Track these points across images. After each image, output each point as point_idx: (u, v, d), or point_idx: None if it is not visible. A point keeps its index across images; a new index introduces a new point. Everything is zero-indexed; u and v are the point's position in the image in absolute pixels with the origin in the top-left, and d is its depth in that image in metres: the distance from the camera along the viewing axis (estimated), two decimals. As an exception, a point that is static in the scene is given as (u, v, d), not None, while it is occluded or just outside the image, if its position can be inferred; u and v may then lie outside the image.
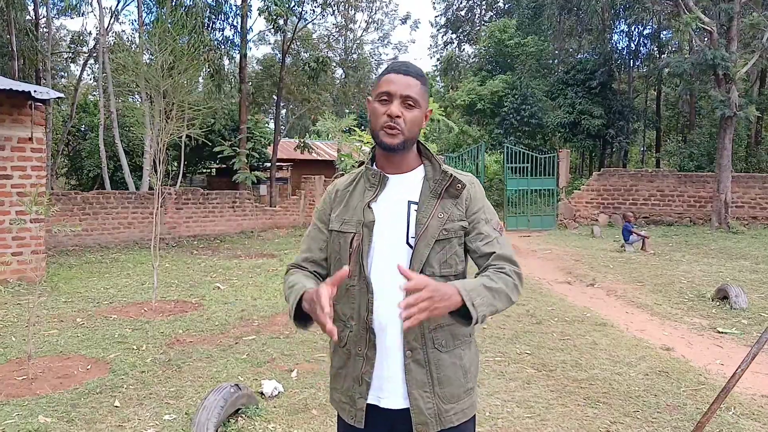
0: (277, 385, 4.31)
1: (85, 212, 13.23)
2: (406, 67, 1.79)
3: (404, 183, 1.82)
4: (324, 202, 1.93)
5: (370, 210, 1.78)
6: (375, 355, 1.74)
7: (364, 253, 1.74)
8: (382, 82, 1.77)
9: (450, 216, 1.77)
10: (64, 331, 6.03)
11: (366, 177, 1.85)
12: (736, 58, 16.64)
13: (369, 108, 1.83)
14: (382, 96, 1.75)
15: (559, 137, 28.96)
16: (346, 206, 1.84)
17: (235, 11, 20.18)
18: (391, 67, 1.80)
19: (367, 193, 1.82)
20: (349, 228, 1.79)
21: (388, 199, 1.80)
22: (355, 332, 1.77)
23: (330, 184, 1.99)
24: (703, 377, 4.75)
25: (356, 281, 1.76)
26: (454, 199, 1.79)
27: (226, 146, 13.19)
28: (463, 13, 40.38)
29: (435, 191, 1.78)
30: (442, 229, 1.74)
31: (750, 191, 18.04)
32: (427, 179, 1.82)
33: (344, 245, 1.79)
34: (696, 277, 9.48)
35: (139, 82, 10.79)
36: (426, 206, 1.76)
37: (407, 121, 1.73)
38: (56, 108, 23.19)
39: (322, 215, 1.91)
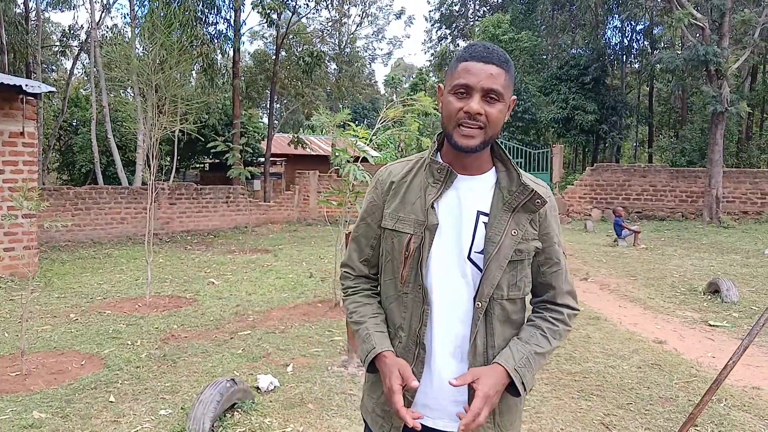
0: (273, 380, 4.32)
1: (77, 207, 13.17)
2: (489, 52, 1.50)
3: (474, 188, 1.59)
4: (375, 194, 1.69)
5: (433, 211, 1.55)
6: (422, 372, 1.57)
7: (423, 260, 1.54)
8: (460, 70, 1.50)
9: (525, 234, 1.56)
10: (58, 326, 6.02)
11: (429, 170, 1.59)
12: (728, 54, 16.72)
13: (441, 99, 1.59)
14: (459, 88, 1.49)
15: (552, 132, 29.03)
16: (402, 201, 1.61)
17: (228, 5, 20.10)
18: (470, 52, 1.52)
19: (429, 190, 1.57)
20: (405, 228, 1.57)
21: (455, 202, 1.57)
22: (403, 344, 1.59)
23: (381, 171, 1.73)
24: (695, 370, 4.79)
25: (410, 289, 1.57)
26: (529, 215, 1.57)
27: (219, 141, 13.12)
28: (456, 8, 40.32)
29: (509, 204, 1.55)
30: (516, 249, 1.54)
31: (741, 186, 18.15)
32: (500, 188, 1.58)
33: (398, 247, 1.58)
34: (688, 271, 9.54)
35: (131, 76, 10.77)
36: (498, 221, 1.54)
37: (490, 118, 1.49)
38: (47, 102, 23.07)
39: (374, 209, 1.68)
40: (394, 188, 1.64)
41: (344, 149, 6.90)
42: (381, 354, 1.56)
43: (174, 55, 10.07)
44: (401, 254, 1.57)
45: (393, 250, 1.60)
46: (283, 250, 12.14)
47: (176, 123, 8.73)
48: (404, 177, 1.64)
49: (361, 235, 1.73)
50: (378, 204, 1.67)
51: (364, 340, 1.60)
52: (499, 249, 1.51)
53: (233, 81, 19.67)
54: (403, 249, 1.56)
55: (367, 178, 6.67)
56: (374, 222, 1.68)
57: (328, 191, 7.46)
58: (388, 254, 1.62)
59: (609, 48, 30.13)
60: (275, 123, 23.98)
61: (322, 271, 9.33)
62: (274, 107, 22.61)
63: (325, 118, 7.30)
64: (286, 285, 8.35)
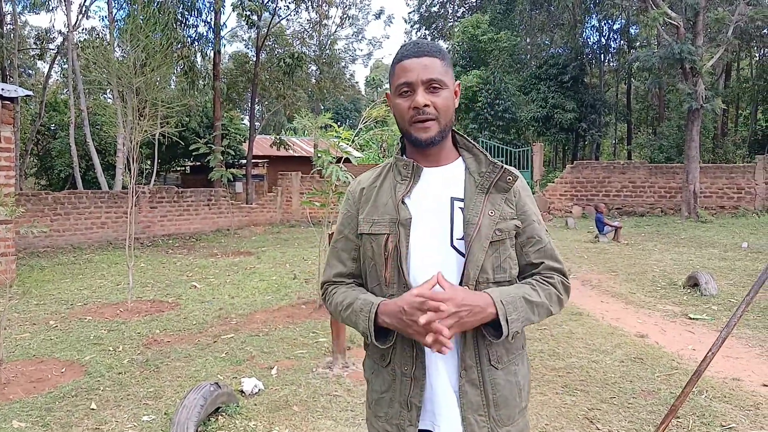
0: (257, 383, 4.30)
1: (56, 213, 13.01)
2: (419, 47, 1.55)
3: (443, 176, 1.60)
4: (348, 204, 1.69)
5: (404, 206, 1.55)
6: (424, 376, 1.53)
7: (403, 257, 1.52)
8: (398, 71, 1.54)
9: (502, 214, 1.56)
10: (37, 334, 5.94)
11: (396, 169, 1.62)
12: (702, 52, 16.97)
13: (391, 105, 1.60)
14: (401, 89, 1.53)
15: (532, 131, 29.21)
16: (374, 204, 1.61)
17: (208, 7, 20.00)
18: (402, 52, 1.56)
19: (399, 187, 1.58)
20: (380, 229, 1.56)
21: (425, 194, 1.58)
22: (399, 348, 1.55)
23: (351, 184, 1.74)
24: (676, 362, 4.85)
25: (395, 289, 1.53)
26: (503, 194, 1.58)
27: (200, 143, 13.04)
28: (436, 9, 40.43)
29: (482, 186, 1.56)
30: (495, 230, 1.53)
31: (717, 181, 18.43)
32: (470, 172, 1.60)
33: (377, 249, 1.56)
34: (668, 265, 9.66)
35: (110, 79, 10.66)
36: (474, 203, 1.54)
37: (438, 107, 1.52)
38: (24, 106, 22.71)
39: (348, 219, 1.67)
40: (365, 194, 1.65)
41: (326, 150, 6.89)
42: (382, 302, 1.51)
43: (155, 59, 9.98)
44: (381, 256, 1.55)
45: (374, 254, 1.58)
46: (266, 252, 12.09)
47: (157, 126, 8.65)
48: (374, 182, 1.66)
49: (341, 250, 1.69)
50: (352, 214, 1.66)
51: (362, 308, 1.54)
52: (479, 230, 1.51)
53: (214, 83, 19.55)
54: (382, 250, 1.55)
55: (350, 179, 6.67)
56: (352, 233, 1.66)
57: (311, 192, 7.45)
58: (370, 260, 1.60)
59: (587, 47, 30.41)
60: (257, 124, 23.87)
61: (306, 273, 9.31)
62: (255, 109, 22.51)
63: (307, 121, 7.28)
64: (269, 287, 8.32)
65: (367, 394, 1.70)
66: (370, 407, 1.68)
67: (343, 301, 1.61)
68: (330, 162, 6.74)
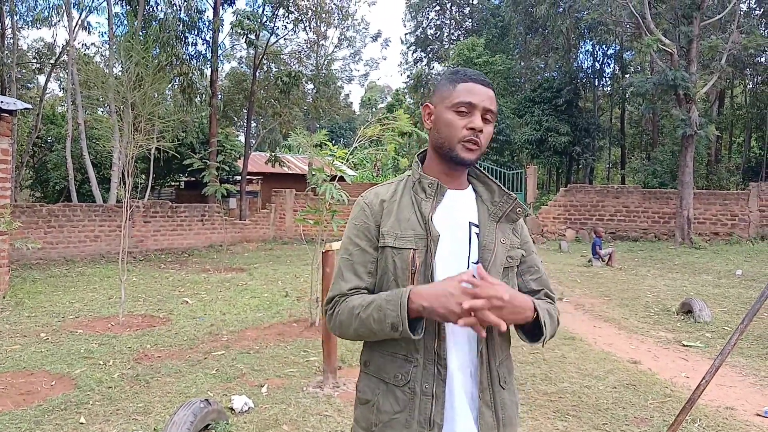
0: (248, 401, 4.27)
1: (50, 225, 12.95)
2: (484, 77, 1.63)
3: (462, 200, 1.66)
4: (365, 216, 1.65)
5: (432, 224, 1.57)
6: (444, 393, 1.52)
7: (430, 272, 1.54)
8: (462, 90, 1.58)
9: (511, 242, 1.64)
10: (28, 346, 5.89)
11: (420, 186, 1.63)
12: (696, 78, 17.16)
13: (440, 117, 1.62)
14: (461, 106, 1.57)
15: (526, 154, 29.40)
16: (397, 218, 1.60)
17: (208, 26, 20.15)
18: (470, 75, 1.62)
19: (424, 204, 1.60)
20: (405, 243, 1.56)
21: (448, 215, 1.61)
22: (421, 366, 1.53)
23: (365, 195, 1.70)
24: (670, 390, 4.84)
25: None
26: (511, 224, 1.66)
27: (196, 159, 13.05)
28: (432, 31, 40.89)
29: (495, 215, 1.64)
30: (508, 256, 1.62)
31: (711, 208, 18.51)
32: (482, 200, 1.67)
33: (401, 264, 1.55)
34: (661, 291, 9.67)
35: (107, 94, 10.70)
36: (488, 231, 1.61)
37: (484, 136, 1.60)
38: (21, 119, 22.73)
39: (367, 232, 1.63)
40: (386, 207, 1.63)
41: (321, 168, 6.91)
42: (414, 287, 1.48)
43: (151, 74, 10.03)
44: (407, 270, 1.54)
45: (396, 269, 1.56)
46: (258, 269, 12.05)
47: (152, 141, 8.67)
48: (392, 196, 1.65)
49: (356, 263, 1.63)
50: (371, 226, 1.63)
51: (388, 299, 1.48)
52: (495, 256, 1.58)
53: (211, 100, 19.63)
54: (408, 265, 1.54)
55: (344, 197, 6.67)
56: (369, 245, 1.62)
57: (305, 210, 7.45)
58: (391, 275, 1.57)
59: (581, 71, 30.77)
60: (252, 141, 23.93)
61: (298, 291, 9.28)
62: (251, 126, 22.58)
63: (302, 138, 7.31)
64: (261, 304, 8.28)
65: (366, 417, 1.61)
66: (371, 430, 1.59)
67: (361, 303, 1.54)
68: (324, 180, 6.75)
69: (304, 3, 22.40)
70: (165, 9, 19.12)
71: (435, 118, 1.63)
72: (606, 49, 30.79)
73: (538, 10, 26.90)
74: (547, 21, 28.02)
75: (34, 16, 20.47)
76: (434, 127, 1.63)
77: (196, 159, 13.16)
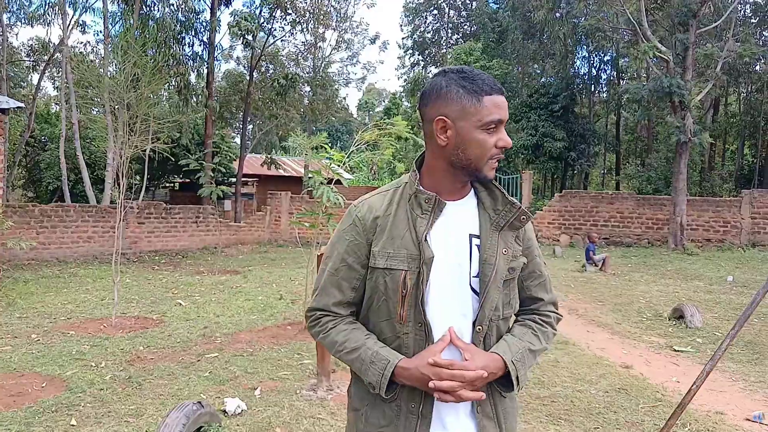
0: (240, 403, 4.26)
1: (42, 225, 12.90)
2: (498, 84, 1.51)
3: (461, 212, 1.56)
4: (356, 233, 1.57)
5: (426, 243, 1.48)
6: (431, 413, 1.50)
7: (422, 295, 1.47)
8: (490, 105, 1.46)
9: (513, 252, 1.56)
10: (19, 347, 5.86)
11: (416, 201, 1.53)
12: (691, 86, 17.23)
13: (466, 135, 1.47)
14: (491, 124, 1.46)
15: (522, 159, 29.43)
16: (390, 236, 1.52)
17: (205, 26, 20.15)
18: (490, 84, 1.48)
19: (419, 222, 1.50)
20: (397, 264, 1.49)
21: (445, 230, 1.53)
22: (408, 387, 1.49)
23: (357, 207, 1.61)
24: (661, 394, 4.86)
25: (410, 328, 1.50)
26: (514, 232, 1.58)
27: (191, 159, 13.03)
28: (430, 35, 40.93)
29: (497, 223, 1.55)
30: (509, 268, 1.54)
31: (704, 214, 18.58)
32: (484, 208, 1.57)
33: (392, 285, 1.49)
34: (654, 297, 9.71)
35: (102, 94, 10.68)
36: (490, 242, 1.53)
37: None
38: (14, 117, 22.63)
39: (356, 249, 1.56)
40: (380, 223, 1.55)
41: (318, 171, 6.91)
42: (399, 365, 1.46)
43: (147, 74, 10.01)
44: (397, 293, 1.49)
45: (387, 290, 1.51)
46: (252, 272, 12.03)
47: (148, 142, 8.66)
48: (387, 210, 1.56)
49: (341, 278, 1.58)
50: (361, 243, 1.56)
51: (373, 360, 1.48)
52: (495, 271, 1.50)
53: (207, 101, 19.61)
54: (399, 287, 1.48)
55: (340, 200, 6.68)
56: (357, 262, 1.56)
57: (301, 212, 7.45)
58: (381, 294, 1.52)
59: (578, 77, 30.86)
60: (248, 143, 23.92)
61: (293, 293, 9.27)
62: (247, 128, 22.57)
63: (301, 140, 7.32)
64: (255, 307, 8.27)
65: (356, 424, 1.61)
66: None
67: (345, 343, 1.54)
68: (321, 183, 6.76)
69: (302, 5, 22.42)
70: (162, 9, 19.13)
71: (457, 135, 1.48)
72: (602, 55, 30.92)
73: (536, 15, 26.98)
74: (544, 26, 28.11)
75: (28, 13, 20.40)
76: (456, 144, 1.48)
77: (192, 160, 13.15)
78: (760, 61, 23.91)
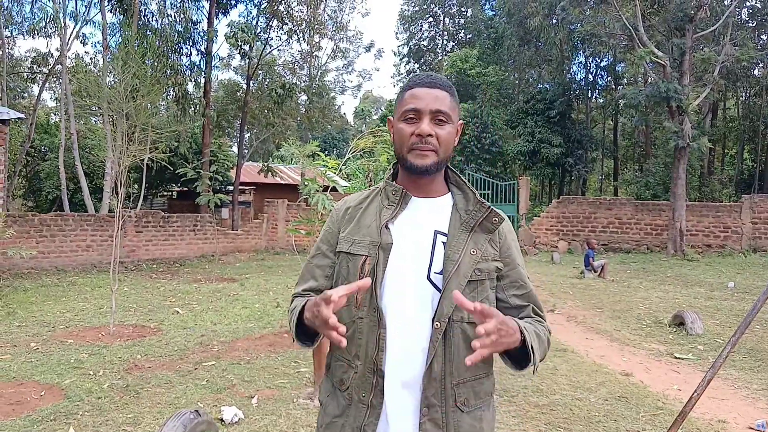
0: (238, 412, 4.24)
1: (42, 234, 12.89)
2: (432, 78, 1.57)
3: (430, 208, 1.60)
4: (331, 222, 1.69)
5: (387, 231, 1.54)
6: (382, 404, 1.49)
7: (378, 280, 1.50)
8: (407, 97, 1.56)
9: (484, 254, 1.55)
10: (18, 356, 5.84)
11: (385, 193, 1.62)
12: (689, 91, 17.26)
13: (393, 129, 1.61)
14: (408, 114, 1.54)
15: (519, 165, 29.48)
16: (357, 225, 1.61)
17: (202, 36, 20.19)
18: (415, 80, 1.59)
19: (384, 212, 1.57)
20: (359, 249, 1.56)
21: (411, 223, 1.57)
22: (360, 374, 1.52)
23: (339, 202, 1.75)
24: (661, 402, 4.83)
25: (365, 312, 1.52)
26: (487, 235, 1.58)
27: (189, 168, 13.02)
28: (425, 43, 41.01)
29: (467, 223, 1.56)
30: (475, 269, 1.53)
31: (704, 220, 18.58)
32: (457, 209, 1.60)
33: (353, 269, 1.55)
34: (653, 303, 9.69)
35: (101, 104, 10.68)
36: (456, 240, 1.54)
37: (441, 139, 1.53)
38: (14, 128, 22.64)
39: (329, 237, 1.67)
40: (350, 213, 1.65)
41: (313, 179, 6.91)
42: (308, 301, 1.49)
43: (147, 85, 10.02)
44: (356, 276, 1.53)
45: (348, 274, 1.56)
46: (249, 279, 12.01)
47: (146, 151, 8.65)
48: (360, 203, 1.66)
49: (316, 266, 1.69)
50: (333, 231, 1.66)
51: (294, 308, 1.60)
52: (458, 267, 1.50)
53: (204, 111, 19.63)
54: (357, 271, 1.54)
55: (337, 208, 6.65)
56: (329, 250, 1.66)
57: (297, 220, 7.44)
58: (344, 279, 1.57)
59: (574, 83, 30.93)
60: (245, 152, 23.92)
61: (289, 301, 9.23)
62: (244, 136, 22.59)
63: (294, 149, 7.32)
64: (252, 315, 8.25)
65: (319, 417, 1.66)
66: (319, 430, 1.64)
67: (294, 310, 1.62)
68: (317, 190, 6.75)
69: (299, 14, 22.47)
70: (160, 19, 19.17)
71: (394, 132, 1.61)
72: (599, 61, 31.00)
73: (532, 21, 27.06)
74: (540, 33, 28.20)
75: (29, 26, 20.43)
76: (394, 140, 1.62)
77: (190, 169, 13.14)
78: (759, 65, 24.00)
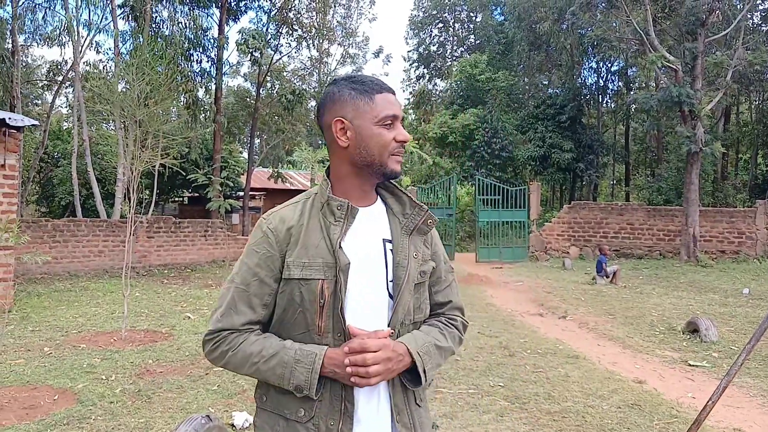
0: (248, 417, 4.24)
1: (55, 240, 13.01)
2: (388, 84, 1.57)
3: (372, 217, 1.57)
4: (269, 245, 1.51)
5: (341, 251, 1.46)
6: (351, 429, 1.45)
7: (341, 303, 1.44)
8: (382, 102, 1.51)
9: (423, 256, 1.58)
10: (31, 360, 5.88)
11: (329, 208, 1.51)
12: (701, 95, 17.15)
13: (365, 133, 1.50)
14: (387, 120, 1.50)
15: (529, 170, 29.40)
16: (303, 246, 1.48)
17: (213, 43, 20.34)
18: (380, 85, 1.54)
19: (333, 229, 1.48)
20: (313, 274, 1.45)
21: (359, 236, 1.52)
22: (327, 402, 1.45)
23: (267, 219, 1.56)
24: (676, 410, 4.78)
25: (330, 338, 1.46)
26: (422, 236, 1.60)
27: (200, 174, 13.11)
28: (434, 48, 41.02)
29: (407, 227, 1.57)
30: (420, 272, 1.56)
31: (718, 225, 18.43)
32: (393, 213, 1.59)
33: (309, 296, 1.45)
34: (666, 310, 9.61)
35: (114, 110, 10.78)
36: (401, 246, 1.54)
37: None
38: (28, 135, 22.88)
39: (268, 261, 1.50)
40: (294, 234, 1.50)
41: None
42: (327, 354, 1.43)
43: (159, 92, 10.11)
44: (315, 303, 1.45)
45: (303, 301, 1.46)
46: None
47: (158, 157, 8.71)
48: (299, 220, 1.52)
49: (253, 294, 1.50)
50: (274, 255, 1.50)
51: (298, 359, 1.43)
52: (408, 274, 1.51)
53: (215, 117, 19.75)
54: (316, 297, 1.45)
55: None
56: (270, 276, 1.50)
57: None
58: (297, 306, 1.47)
59: (585, 88, 30.85)
60: (255, 158, 24.04)
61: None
62: (254, 142, 22.70)
63: (306, 154, 7.34)
64: (264, 320, 8.25)
65: None
66: None
67: (261, 352, 1.46)
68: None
69: (308, 21, 22.57)
70: (170, 26, 19.34)
71: (357, 134, 1.50)
72: (610, 65, 30.88)
73: (542, 26, 27.04)
74: (550, 38, 28.15)
75: (43, 34, 20.68)
76: (357, 143, 1.50)
77: (201, 174, 13.21)
78: (771, 69, 23.81)
